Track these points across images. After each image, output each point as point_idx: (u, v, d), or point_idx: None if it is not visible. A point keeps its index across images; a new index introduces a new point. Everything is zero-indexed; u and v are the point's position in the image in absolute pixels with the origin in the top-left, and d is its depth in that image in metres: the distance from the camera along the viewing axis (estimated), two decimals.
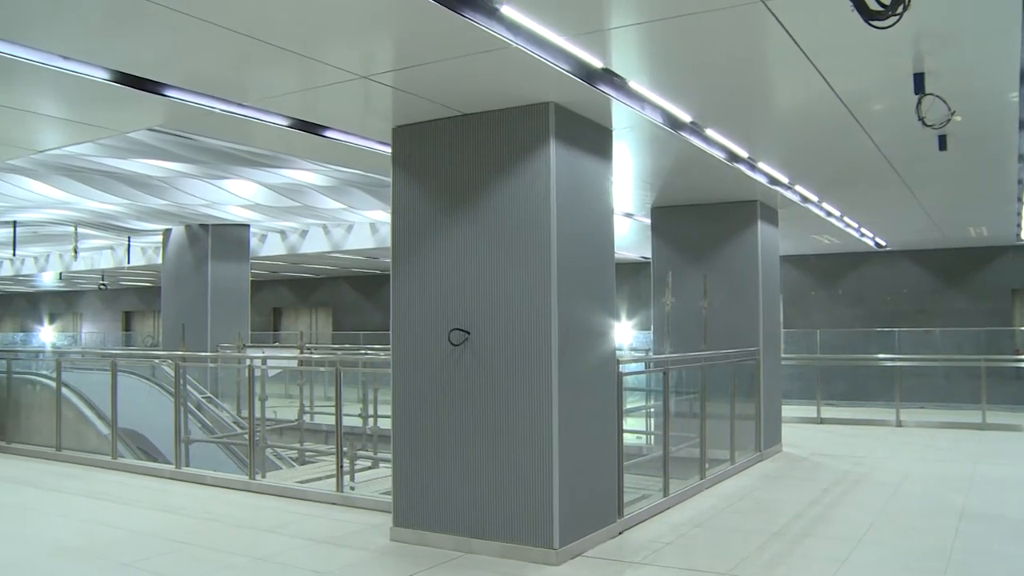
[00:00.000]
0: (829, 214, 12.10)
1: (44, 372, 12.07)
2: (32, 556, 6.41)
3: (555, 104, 6.10)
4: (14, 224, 16.63)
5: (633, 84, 5.89)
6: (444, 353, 6.45)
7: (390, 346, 6.92)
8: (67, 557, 6.37)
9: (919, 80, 5.78)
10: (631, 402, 9.11)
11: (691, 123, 6.91)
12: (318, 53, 5.29)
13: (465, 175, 6.46)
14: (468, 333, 6.33)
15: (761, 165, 8.69)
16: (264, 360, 10.27)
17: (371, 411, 10.25)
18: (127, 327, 44.65)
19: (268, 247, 20.51)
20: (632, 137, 7.35)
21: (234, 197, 13.56)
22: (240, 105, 6.47)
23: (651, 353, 11.93)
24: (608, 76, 5.64)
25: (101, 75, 5.76)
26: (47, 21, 4.96)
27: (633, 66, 5.64)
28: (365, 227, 18.17)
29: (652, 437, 10.14)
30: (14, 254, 23.43)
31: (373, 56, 5.42)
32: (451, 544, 6.36)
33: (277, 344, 27.13)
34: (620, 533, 6.83)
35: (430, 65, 5.38)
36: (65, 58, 5.48)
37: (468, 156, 6.46)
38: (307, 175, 12.04)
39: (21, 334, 46.49)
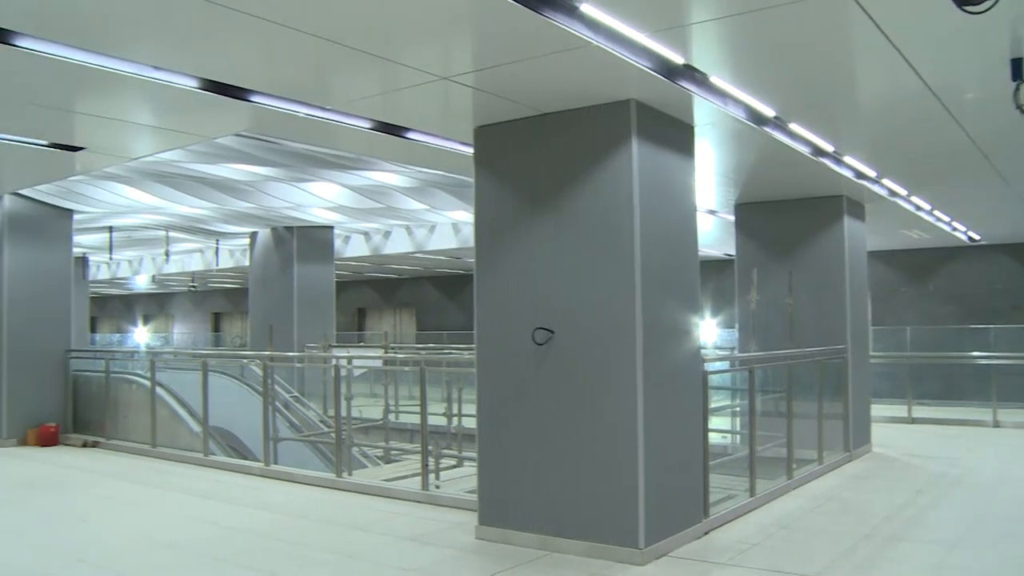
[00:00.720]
0: (919, 208, 11.77)
1: (139, 372, 12.42)
2: (132, 548, 6.61)
3: (636, 101, 6.06)
4: (110, 229, 17.17)
5: (715, 79, 5.81)
6: (528, 352, 6.45)
7: (474, 345, 6.95)
8: (164, 550, 6.55)
9: (1016, 66, 5.57)
10: (716, 401, 9.01)
11: (775, 118, 6.80)
12: (398, 55, 5.34)
13: (547, 174, 6.45)
14: (552, 332, 6.32)
15: (847, 159, 8.49)
16: (350, 360, 10.42)
17: (455, 410, 10.32)
18: (216, 328, 45.65)
19: (352, 248, 20.77)
20: (714, 133, 7.27)
21: (318, 199, 13.78)
22: (323, 109, 6.57)
23: (736, 351, 11.77)
24: (689, 72, 5.58)
25: (190, 83, 5.92)
26: (140, 34, 5.12)
27: (714, 61, 5.57)
28: (448, 227, 18.30)
29: (738, 436, 10.00)
30: (110, 258, 24.21)
31: (453, 57, 5.45)
32: (535, 543, 6.37)
33: (362, 344, 27.47)
34: (706, 533, 6.75)
35: (510, 65, 5.39)
36: (156, 68, 5.65)
37: (549, 155, 6.45)
38: (390, 176, 12.17)
39: (117, 335, 47.86)
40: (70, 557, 6.36)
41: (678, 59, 5.36)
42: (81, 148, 8.24)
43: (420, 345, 22.27)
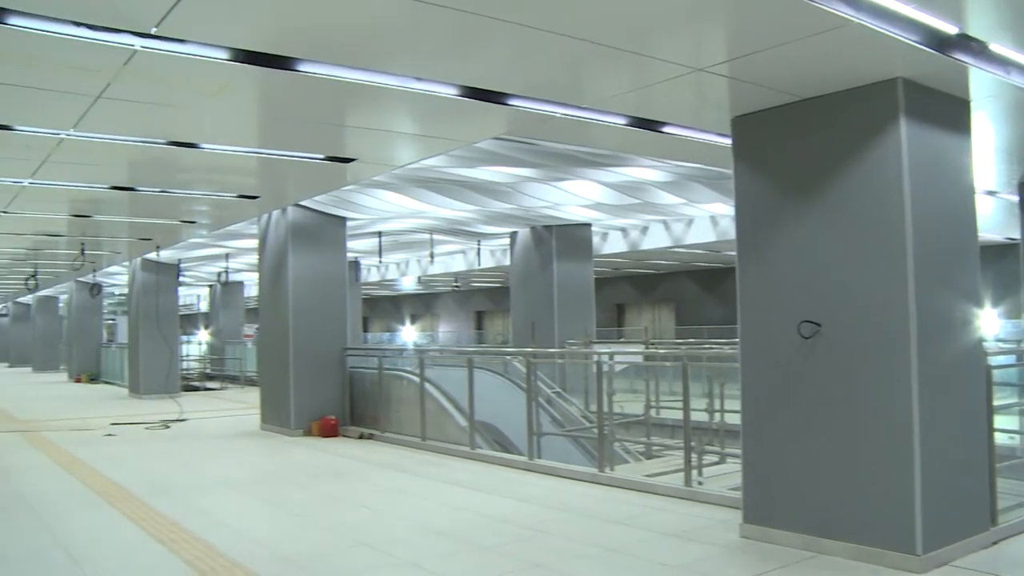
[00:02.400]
0: None
1: (408, 368, 13.04)
2: (406, 534, 6.96)
3: (903, 79, 5.69)
4: (379, 234, 18.16)
5: (995, 47, 5.35)
6: (794, 346, 6.23)
7: (736, 340, 6.80)
8: (434, 537, 6.84)
9: None
10: (1001, 398, 8.32)
11: None
12: (650, 50, 5.31)
13: (809, 161, 6.20)
14: (819, 325, 6.07)
15: None
16: (611, 356, 10.46)
17: (717, 406, 10.13)
18: (479, 326, 47.19)
19: (610, 245, 20.88)
20: (994, 106, 6.71)
21: (576, 198, 13.94)
22: (578, 108, 6.64)
23: None
24: (964, 42, 5.17)
25: (450, 91, 6.16)
26: (403, 49, 5.39)
27: (993, 26, 5.11)
28: (705, 220, 18.03)
29: None
30: (380, 261, 25.59)
31: (706, 48, 5.35)
32: (801, 543, 6.13)
33: (622, 340, 27.56)
34: (994, 543, 6.22)
35: (766, 52, 5.22)
36: (418, 79, 5.92)
37: (811, 142, 6.20)
38: (646, 172, 12.13)
39: (387, 334, 50.49)
40: (353, 540, 6.78)
41: (951, 29, 4.98)
42: (352, 159, 8.76)
43: (680, 340, 22.04)
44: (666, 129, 7.27)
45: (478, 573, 5.89)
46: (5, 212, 12.24)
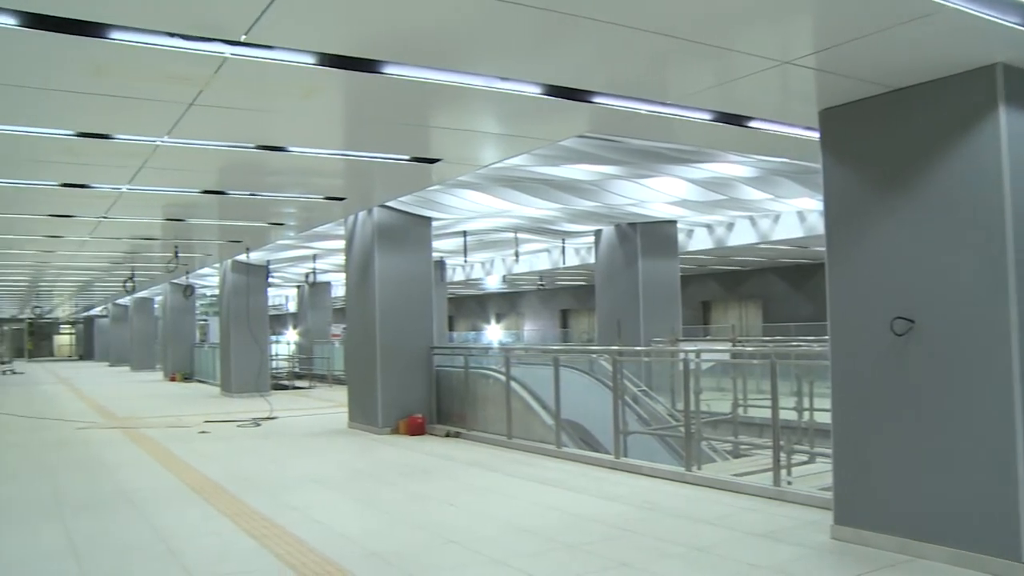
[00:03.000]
0: None
1: (494, 367, 13.09)
2: (493, 532, 6.99)
3: (1003, 65, 5.48)
4: (464, 234, 18.27)
5: None
6: (887, 344, 6.07)
7: (825, 337, 6.67)
8: (521, 535, 6.86)
9: None
10: None
11: None
12: (734, 43, 5.24)
13: (901, 153, 6.04)
14: (912, 322, 5.92)
15: None
16: (698, 354, 10.36)
17: (806, 404, 9.95)
18: (564, 324, 47.17)
19: (695, 242, 20.68)
20: None
21: (660, 195, 13.84)
22: (662, 104, 6.59)
23: None
24: None
25: (533, 90, 6.17)
26: (487, 49, 5.41)
27: None
28: (793, 216, 17.72)
29: None
30: (465, 261, 25.75)
31: (792, 40, 5.25)
32: (894, 546, 5.98)
33: (708, 337, 27.29)
34: None
35: (855, 42, 5.10)
36: (502, 79, 5.94)
37: (903, 133, 6.04)
38: (731, 167, 11.98)
39: (473, 333, 50.77)
40: (441, 538, 6.83)
41: None
42: (437, 160, 8.83)
43: (767, 338, 21.72)
44: (752, 124, 7.17)
45: (565, 571, 5.89)
46: (105, 217, 12.65)
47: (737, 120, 7.04)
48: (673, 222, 17.29)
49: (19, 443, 13.45)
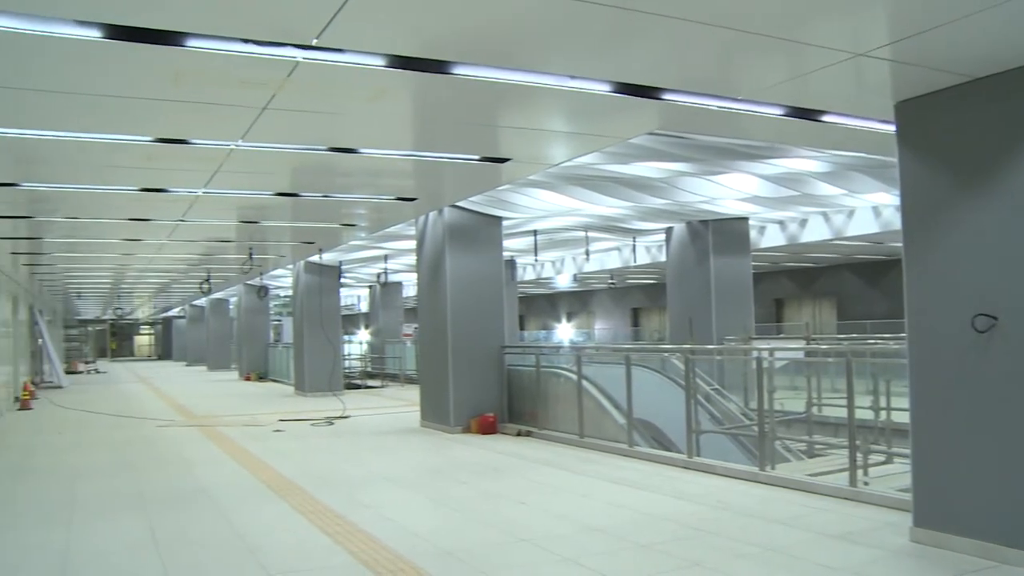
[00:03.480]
0: None
1: (565, 366, 13.08)
2: (565, 531, 6.98)
3: None
4: (534, 233, 18.27)
5: None
6: (968, 342, 5.91)
7: (902, 335, 6.53)
8: (592, 534, 6.85)
9: None
10: None
11: None
12: (806, 36, 5.16)
13: (982, 145, 5.88)
14: (995, 319, 5.75)
15: None
16: (771, 352, 10.23)
17: (883, 403, 9.77)
18: (635, 323, 46.95)
19: (767, 238, 20.43)
20: None
21: (732, 191, 13.69)
22: (733, 100, 6.52)
23: None
24: None
25: (603, 88, 6.16)
26: (557, 48, 5.41)
27: None
28: (867, 211, 17.39)
29: None
30: (535, 259, 25.77)
31: (866, 31, 5.15)
32: (976, 550, 5.82)
33: (781, 335, 26.92)
34: None
35: (932, 31, 4.98)
36: (572, 77, 5.94)
37: (984, 124, 5.87)
38: (803, 162, 11.80)
39: (543, 332, 50.77)
40: (513, 536, 6.85)
41: None
42: (507, 159, 8.85)
43: (842, 336, 21.35)
44: (825, 118, 7.05)
45: (637, 571, 5.87)
46: (182, 220, 12.94)
47: (810, 115, 6.94)
48: (745, 219, 17.10)
49: (105, 440, 13.83)
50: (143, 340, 71.46)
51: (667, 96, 6.37)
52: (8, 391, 20.24)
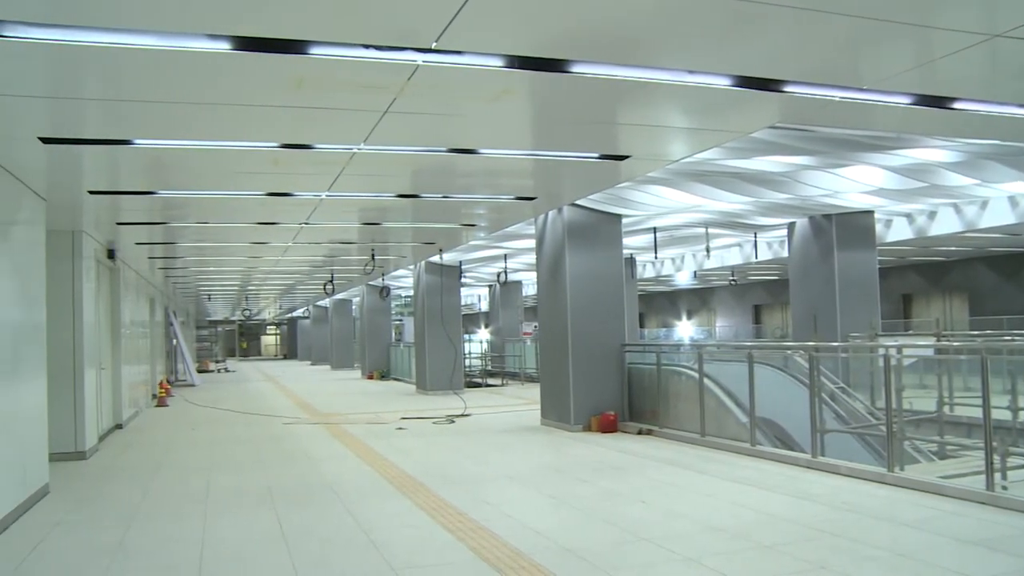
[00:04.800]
0: None
1: (685, 364, 12.95)
2: (686, 531, 6.92)
3: None
4: (654, 230, 18.15)
5: None
6: None
7: None
8: (713, 534, 6.77)
9: None
10: None
11: None
12: (933, 19, 4.99)
13: None
14: None
15: None
16: (899, 349, 9.93)
17: (1021, 403, 9.36)
18: (757, 320, 46.20)
19: (894, 232, 19.85)
20: None
21: (856, 184, 13.34)
22: (858, 90, 6.36)
23: None
24: None
25: (723, 82, 6.08)
26: (675, 42, 5.37)
27: None
28: (1003, 201, 16.70)
29: None
30: (655, 257, 25.58)
31: (1002, 10, 4.94)
32: None
33: (910, 332, 26.09)
34: None
35: None
36: (691, 72, 5.88)
37: None
38: (933, 152, 11.41)
39: (663, 330, 50.40)
40: (633, 535, 6.82)
41: None
42: (626, 157, 8.81)
43: (975, 332, 20.55)
44: (956, 105, 6.81)
45: (760, 573, 5.76)
46: (306, 223, 13.29)
47: (939, 102, 6.71)
48: (870, 212, 16.64)
49: (235, 436, 14.34)
50: (269, 340, 73.80)
51: (789, 88, 6.25)
52: (146, 389, 21.18)
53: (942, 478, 8.37)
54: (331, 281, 23.18)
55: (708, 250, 22.19)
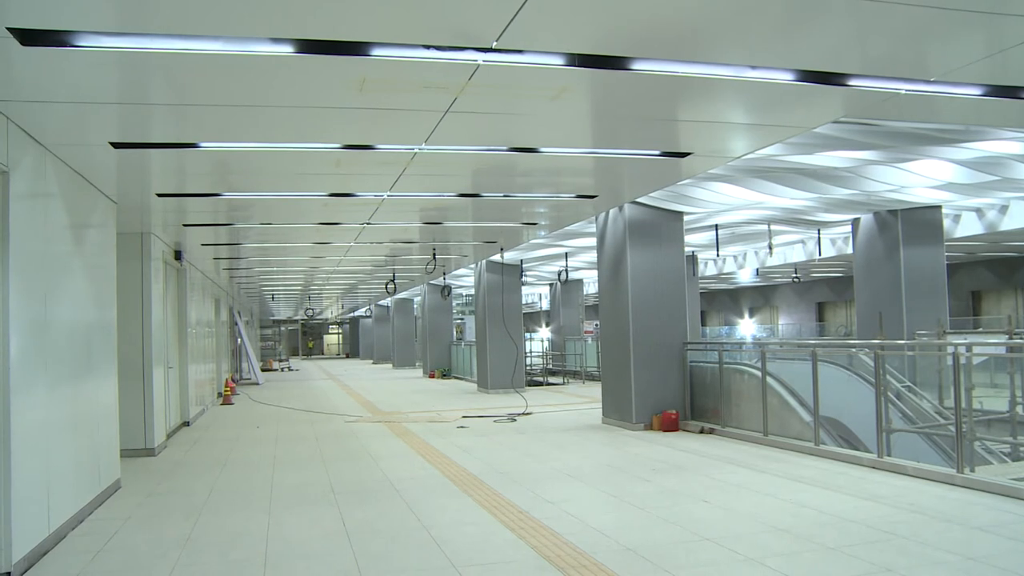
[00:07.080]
0: None
1: (747, 362, 12.83)
2: (748, 530, 6.86)
3: None
4: (716, 227, 18.01)
5: None
6: None
7: None
8: (775, 534, 6.69)
9: None
10: None
11: None
12: (1004, 6, 4.87)
13: None
14: None
15: None
16: (969, 347, 9.73)
17: None
18: (820, 318, 45.62)
19: (963, 227, 19.42)
20: None
21: (922, 179, 13.09)
22: (924, 82, 6.23)
23: None
24: None
25: (785, 77, 6.01)
26: (736, 38, 5.31)
27: None
28: None
29: None
30: (717, 254, 25.38)
31: None
32: None
33: (979, 330, 25.53)
34: None
35: None
36: (752, 67, 5.82)
37: None
38: (1003, 144, 11.15)
39: (725, 328, 49.97)
40: (695, 534, 6.78)
41: None
42: (688, 154, 8.74)
43: None
44: None
45: (824, 575, 5.69)
46: (368, 223, 13.41)
47: (1012, 93, 6.55)
48: (938, 207, 16.31)
49: (298, 434, 14.53)
50: (331, 339, 74.64)
51: (852, 82, 6.15)
52: (212, 387, 21.56)
53: (1016, 480, 8.18)
54: (392, 280, 23.37)
55: (771, 247, 21.99)
